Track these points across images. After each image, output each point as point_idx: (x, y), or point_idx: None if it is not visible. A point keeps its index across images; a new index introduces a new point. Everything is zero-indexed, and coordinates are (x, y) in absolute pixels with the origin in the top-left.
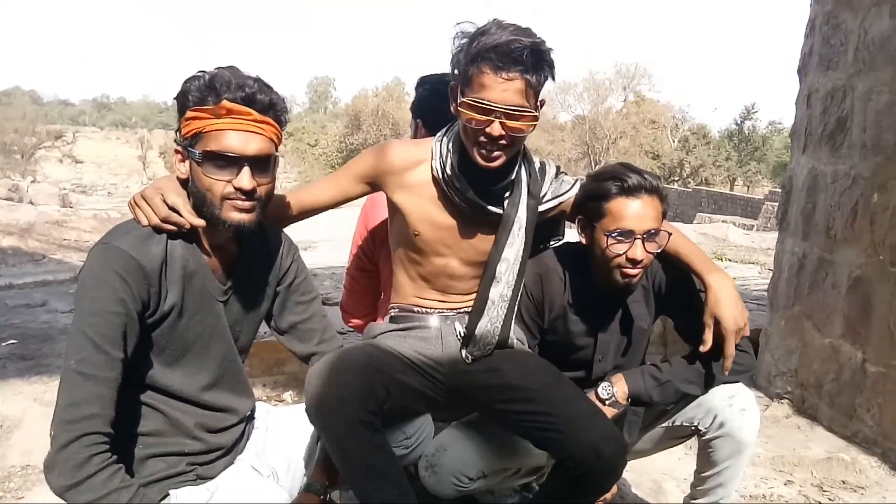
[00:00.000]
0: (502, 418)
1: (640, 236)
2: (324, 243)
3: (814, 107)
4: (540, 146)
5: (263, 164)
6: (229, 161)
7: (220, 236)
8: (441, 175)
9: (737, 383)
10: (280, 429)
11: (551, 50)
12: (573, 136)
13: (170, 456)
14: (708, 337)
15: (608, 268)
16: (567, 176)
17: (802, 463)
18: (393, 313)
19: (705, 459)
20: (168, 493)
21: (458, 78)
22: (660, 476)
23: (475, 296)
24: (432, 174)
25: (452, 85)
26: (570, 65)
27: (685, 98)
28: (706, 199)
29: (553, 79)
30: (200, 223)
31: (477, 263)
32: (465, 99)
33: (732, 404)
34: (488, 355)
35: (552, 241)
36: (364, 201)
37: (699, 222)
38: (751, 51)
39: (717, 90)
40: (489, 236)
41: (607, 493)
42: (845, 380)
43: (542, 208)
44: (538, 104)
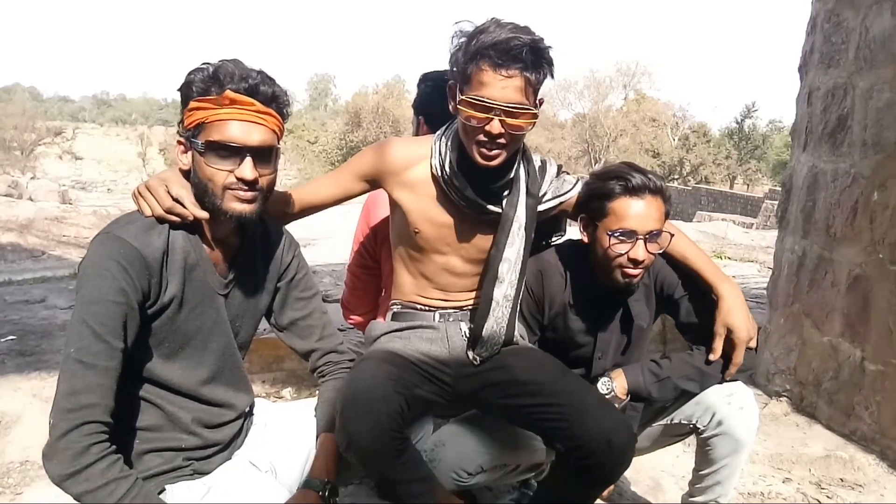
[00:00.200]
0: (510, 413)
1: (643, 237)
2: (323, 240)
3: (814, 105)
4: (540, 144)
5: (266, 155)
6: (232, 151)
7: (222, 229)
8: (440, 174)
9: (735, 381)
10: (279, 425)
11: (550, 48)
12: (573, 134)
13: (166, 451)
14: (718, 346)
15: (609, 267)
16: (568, 175)
17: (801, 461)
18: (395, 310)
19: (703, 457)
20: (164, 489)
21: (458, 76)
22: (658, 474)
23: (478, 296)
24: (432, 172)
25: (451, 84)
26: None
27: (685, 96)
28: (706, 198)
29: (552, 76)
30: (204, 215)
31: (478, 261)
32: (465, 97)
33: (730, 402)
34: (495, 355)
35: (554, 238)
36: (366, 198)
37: (699, 220)
38: (751, 49)
39: (718, 88)
40: (490, 235)
41: (604, 492)
42: (844, 378)
43: (543, 207)
44: (537, 102)
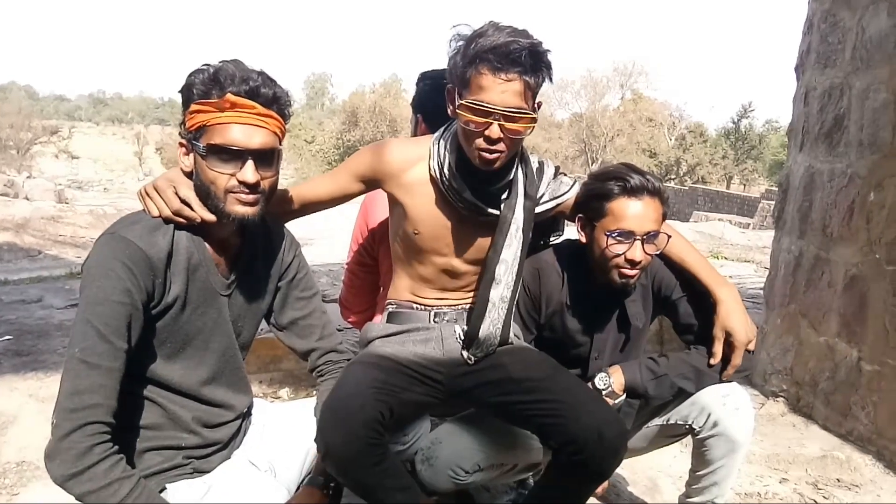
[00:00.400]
0: (503, 410)
1: (640, 237)
2: (321, 240)
3: (811, 105)
4: (537, 144)
5: (267, 158)
6: (233, 154)
7: (225, 230)
8: (439, 176)
9: (731, 382)
10: (277, 425)
11: (549, 51)
12: (570, 134)
13: (166, 450)
14: (718, 349)
15: (606, 268)
16: (566, 176)
17: (797, 461)
18: (390, 309)
19: (700, 458)
20: (165, 487)
21: (456, 80)
22: (655, 474)
23: (474, 297)
24: (430, 174)
25: (449, 88)
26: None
27: (682, 96)
28: (702, 198)
29: (551, 80)
30: (212, 218)
31: (477, 262)
32: (464, 101)
33: (726, 403)
34: (490, 354)
35: (552, 237)
36: (364, 196)
37: (695, 220)
38: (748, 49)
39: (715, 88)
40: (488, 237)
41: (598, 488)
42: (840, 378)
43: (540, 209)
44: (535, 106)
